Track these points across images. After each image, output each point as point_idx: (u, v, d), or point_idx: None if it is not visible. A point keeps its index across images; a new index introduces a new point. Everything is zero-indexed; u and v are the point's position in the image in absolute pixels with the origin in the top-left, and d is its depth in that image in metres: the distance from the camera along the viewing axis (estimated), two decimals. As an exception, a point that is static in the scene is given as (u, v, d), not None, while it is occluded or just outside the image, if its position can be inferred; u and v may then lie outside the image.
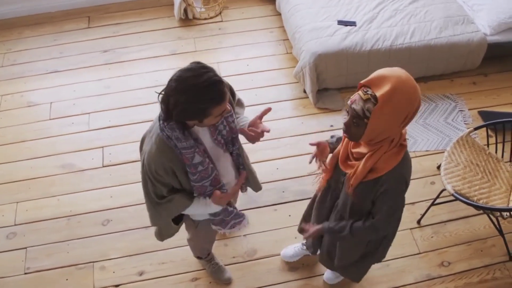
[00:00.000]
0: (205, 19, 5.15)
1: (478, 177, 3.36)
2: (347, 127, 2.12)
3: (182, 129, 2.13)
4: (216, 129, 2.31)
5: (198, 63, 2.00)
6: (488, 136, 3.57)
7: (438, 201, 3.65)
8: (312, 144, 2.50)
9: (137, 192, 3.82)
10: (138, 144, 4.02)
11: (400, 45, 4.26)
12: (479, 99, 4.47)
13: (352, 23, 4.40)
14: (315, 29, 4.37)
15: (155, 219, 2.53)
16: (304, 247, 3.38)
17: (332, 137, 2.63)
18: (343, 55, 4.21)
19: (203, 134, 2.27)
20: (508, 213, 3.19)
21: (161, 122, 2.14)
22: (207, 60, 4.75)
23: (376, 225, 2.34)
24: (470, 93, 4.51)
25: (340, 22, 4.41)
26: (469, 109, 4.37)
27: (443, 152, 4.04)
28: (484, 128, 4.08)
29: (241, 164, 2.60)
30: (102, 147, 4.12)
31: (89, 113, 4.35)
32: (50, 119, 4.32)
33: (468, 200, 3.17)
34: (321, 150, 2.52)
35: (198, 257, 3.34)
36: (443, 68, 4.50)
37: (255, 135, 2.43)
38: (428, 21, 4.43)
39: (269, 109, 2.47)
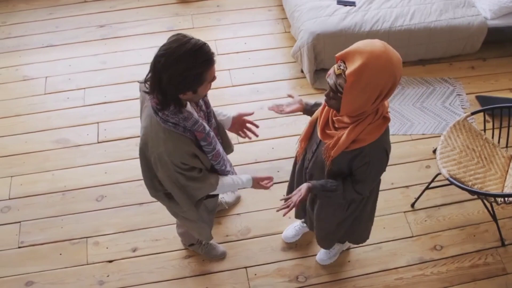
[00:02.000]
0: (204, -5, 5.10)
1: (474, 162, 3.36)
2: (327, 98, 2.13)
3: (182, 108, 2.13)
4: (197, 105, 2.35)
5: (176, 34, 2.01)
6: (485, 121, 3.56)
7: (432, 185, 3.66)
8: (289, 95, 2.62)
9: (132, 168, 3.82)
10: (135, 120, 4.05)
11: (399, 27, 4.23)
12: (477, 84, 4.45)
13: (352, 3, 4.36)
14: (314, 8, 4.33)
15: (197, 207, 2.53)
16: (304, 224, 3.39)
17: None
18: (341, 36, 4.18)
19: (192, 112, 2.27)
20: (502, 199, 3.20)
21: (160, 115, 2.11)
22: (205, 37, 4.71)
23: (361, 191, 2.39)
24: (469, 77, 4.50)
25: (340, 2, 4.37)
26: (467, 94, 4.36)
27: (440, 136, 4.04)
28: (482, 113, 4.07)
29: (220, 134, 2.69)
30: (97, 122, 4.09)
31: (84, 88, 4.32)
32: (45, 94, 4.28)
33: (463, 185, 3.17)
34: (291, 103, 2.60)
35: (191, 244, 3.34)
36: (442, 52, 4.47)
37: (243, 134, 2.76)
38: (428, 3, 4.39)
39: (252, 113, 2.73)
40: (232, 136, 4.00)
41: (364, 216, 2.81)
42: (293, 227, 3.48)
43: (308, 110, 2.62)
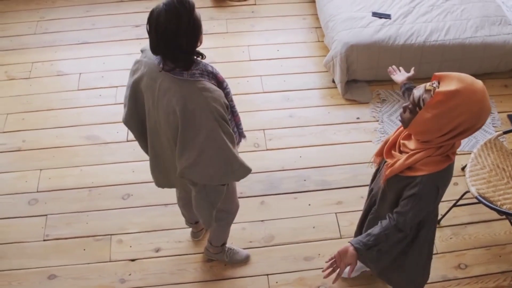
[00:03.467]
0: (239, 1, 5.12)
1: (504, 181, 3.31)
2: (404, 110, 2.09)
3: (198, 56, 2.23)
4: None
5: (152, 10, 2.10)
6: (517, 141, 3.52)
7: (460, 202, 3.61)
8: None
9: (159, 169, 3.85)
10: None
11: (434, 42, 4.19)
12: (509, 103, 4.39)
13: (387, 16, 4.34)
14: (349, 19, 4.32)
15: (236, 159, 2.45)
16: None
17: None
18: (375, 48, 4.16)
19: None
20: (531, 221, 3.15)
21: (184, 76, 2.18)
22: (238, 42, 4.73)
23: (400, 226, 2.25)
24: (501, 95, 4.44)
25: (375, 14, 4.35)
26: (498, 112, 4.31)
27: (469, 153, 3.99)
28: (513, 133, 4.01)
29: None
30: (128, 121, 4.13)
31: (117, 86, 4.37)
32: (78, 90, 4.34)
33: (491, 204, 3.13)
34: (404, 74, 2.61)
35: (223, 244, 3.30)
36: (475, 68, 4.42)
37: None
38: (464, 19, 4.36)
39: None
40: (259, 142, 4.02)
41: (407, 260, 2.64)
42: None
43: (405, 87, 2.57)
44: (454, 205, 3.56)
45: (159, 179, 2.73)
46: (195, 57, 2.21)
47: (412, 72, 2.63)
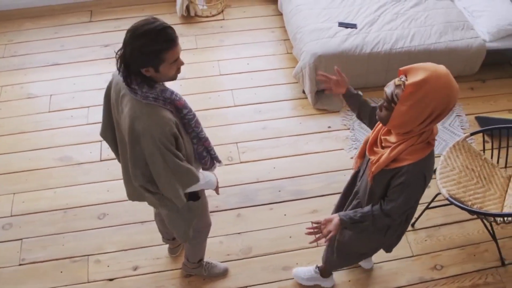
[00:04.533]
0: (207, 16, 5.17)
1: (473, 182, 3.38)
2: (379, 109, 2.17)
3: (150, 82, 2.21)
4: None
5: (150, 17, 2.14)
6: (484, 141, 3.59)
7: (432, 204, 3.68)
8: (337, 70, 2.58)
9: (134, 187, 3.85)
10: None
11: (400, 49, 4.28)
12: (476, 105, 4.49)
13: (353, 25, 4.42)
14: (316, 30, 4.39)
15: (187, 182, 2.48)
16: (317, 271, 3.32)
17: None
18: (343, 57, 4.23)
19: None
20: (501, 219, 3.21)
21: (139, 93, 2.19)
22: (208, 58, 4.77)
23: (390, 213, 2.35)
24: (468, 98, 4.54)
25: (341, 24, 4.43)
26: (466, 115, 4.40)
27: (439, 156, 4.06)
28: (481, 134, 4.09)
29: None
30: (101, 141, 4.12)
31: (88, 106, 4.37)
32: (49, 112, 4.33)
33: (462, 205, 3.19)
34: (340, 82, 2.59)
35: (200, 260, 3.31)
36: (441, 73, 4.51)
37: None
38: (428, 26, 4.46)
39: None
40: (232, 155, 4.04)
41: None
42: (306, 269, 3.39)
43: (347, 95, 2.62)
44: (427, 208, 3.63)
45: (129, 191, 2.73)
46: (145, 82, 2.21)
47: (345, 77, 2.63)
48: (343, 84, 2.59)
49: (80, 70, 4.65)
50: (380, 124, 2.37)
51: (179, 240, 3.04)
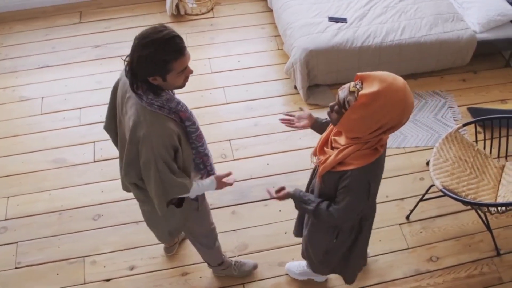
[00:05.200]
0: (197, 15, 5.16)
1: (467, 173, 3.40)
2: (330, 109, 2.13)
3: (156, 91, 2.20)
4: None
5: (159, 25, 2.12)
6: (476, 132, 3.60)
7: (426, 196, 3.69)
8: (300, 109, 2.64)
9: (128, 187, 3.84)
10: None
11: (390, 42, 4.29)
12: (468, 96, 4.51)
13: (343, 20, 4.42)
14: (306, 25, 4.39)
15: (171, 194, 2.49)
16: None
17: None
18: (333, 52, 4.24)
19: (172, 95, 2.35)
20: (495, 209, 3.23)
21: (144, 99, 2.19)
22: (199, 56, 4.76)
23: (333, 213, 2.33)
24: (460, 89, 4.55)
25: (331, 19, 4.43)
26: (458, 106, 4.41)
27: (432, 148, 4.08)
28: (473, 125, 4.11)
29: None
30: (94, 142, 4.12)
31: (80, 108, 4.36)
32: (41, 114, 4.32)
33: (456, 196, 3.20)
34: (302, 116, 2.63)
35: (220, 264, 3.30)
36: (433, 65, 4.53)
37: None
38: (418, 18, 4.46)
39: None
40: (226, 153, 4.05)
41: (354, 251, 2.75)
42: (299, 264, 3.40)
43: (317, 126, 2.62)
44: (421, 200, 3.63)
45: (124, 181, 2.71)
46: (151, 90, 2.20)
47: (306, 110, 2.67)
48: (305, 117, 2.62)
49: (71, 72, 4.64)
50: (331, 126, 2.35)
51: (158, 239, 3.06)
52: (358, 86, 1.98)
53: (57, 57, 4.78)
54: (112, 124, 2.62)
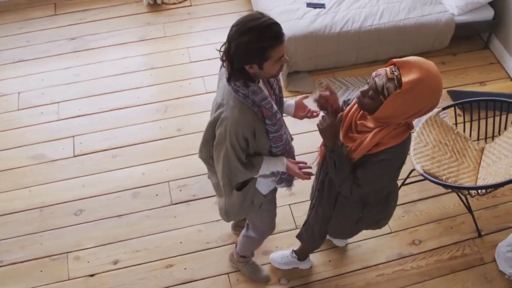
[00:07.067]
0: (174, 3, 5.10)
1: (447, 156, 3.41)
2: (363, 95, 2.13)
3: (249, 81, 2.20)
4: (271, 87, 2.42)
5: (254, 11, 2.12)
6: (456, 115, 3.62)
7: (408, 181, 3.71)
8: (327, 88, 2.43)
9: (110, 180, 3.82)
10: (110, 132, 4.04)
11: (369, 27, 4.28)
12: (448, 79, 4.52)
13: (321, 5, 4.40)
14: (284, 12, 4.36)
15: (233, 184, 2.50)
16: (294, 255, 3.33)
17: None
18: (312, 38, 4.22)
19: (264, 89, 2.32)
20: (476, 191, 3.26)
21: (232, 84, 2.20)
22: (177, 45, 4.72)
23: (360, 183, 2.29)
24: (440, 72, 4.55)
25: (309, 5, 4.41)
26: (438, 89, 4.42)
27: (413, 132, 4.09)
28: (453, 108, 4.13)
29: None
30: (73, 136, 4.08)
31: (58, 102, 4.30)
32: (18, 110, 4.25)
33: (437, 180, 3.22)
34: (333, 98, 2.42)
35: (243, 256, 3.28)
36: (412, 49, 4.53)
37: (308, 115, 2.67)
38: (396, 2, 4.45)
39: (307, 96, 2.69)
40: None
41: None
42: (282, 254, 3.40)
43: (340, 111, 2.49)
44: (403, 184, 3.65)
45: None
46: (241, 76, 2.18)
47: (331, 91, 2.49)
48: (335, 100, 2.45)
49: (47, 65, 4.57)
50: (352, 109, 2.33)
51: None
52: (396, 73, 2.01)
53: (32, 50, 4.69)
54: None
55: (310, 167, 2.52)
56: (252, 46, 2.05)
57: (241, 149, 2.31)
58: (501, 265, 3.40)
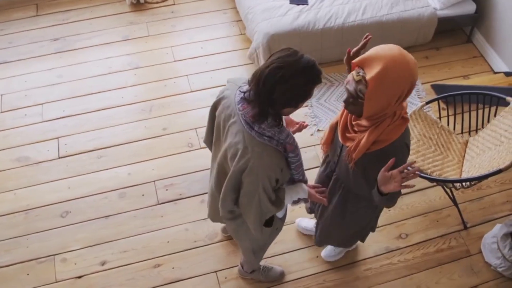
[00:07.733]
0: (157, 2, 5.08)
1: (431, 150, 3.44)
2: (346, 104, 2.15)
3: (280, 121, 2.15)
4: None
5: (286, 49, 2.06)
6: (440, 109, 3.64)
7: (394, 175, 3.72)
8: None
9: (95, 181, 3.80)
10: (95, 133, 4.02)
11: (352, 22, 4.29)
12: (432, 73, 4.55)
13: (304, 2, 4.40)
14: (267, 9, 4.36)
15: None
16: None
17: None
18: (296, 35, 4.22)
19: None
20: (460, 184, 3.28)
21: (255, 129, 2.13)
22: (160, 44, 4.70)
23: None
24: (423, 67, 4.59)
25: (292, 1, 4.41)
26: (422, 83, 4.45)
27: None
28: (437, 102, 4.15)
29: None
30: (57, 138, 4.05)
31: (42, 103, 4.26)
32: (1, 112, 4.21)
33: (422, 173, 3.24)
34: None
35: (252, 271, 3.29)
36: (395, 44, 4.51)
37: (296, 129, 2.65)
38: (379, -3, 4.48)
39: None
40: (192, 141, 4.01)
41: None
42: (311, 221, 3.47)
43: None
44: (389, 179, 3.67)
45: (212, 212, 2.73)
46: (274, 119, 2.13)
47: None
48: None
49: (30, 67, 4.53)
50: (346, 111, 2.36)
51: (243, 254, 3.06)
52: (361, 73, 2.02)
53: (15, 52, 4.65)
54: (209, 142, 2.60)
55: (325, 189, 2.56)
56: (304, 88, 2.03)
57: (272, 190, 2.29)
58: (487, 256, 3.44)
